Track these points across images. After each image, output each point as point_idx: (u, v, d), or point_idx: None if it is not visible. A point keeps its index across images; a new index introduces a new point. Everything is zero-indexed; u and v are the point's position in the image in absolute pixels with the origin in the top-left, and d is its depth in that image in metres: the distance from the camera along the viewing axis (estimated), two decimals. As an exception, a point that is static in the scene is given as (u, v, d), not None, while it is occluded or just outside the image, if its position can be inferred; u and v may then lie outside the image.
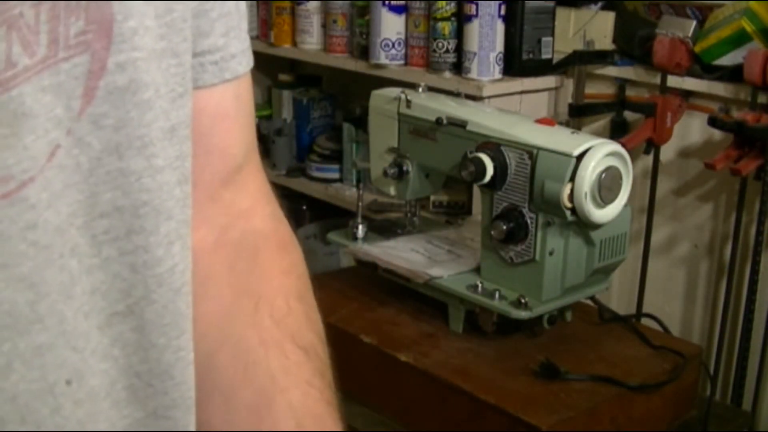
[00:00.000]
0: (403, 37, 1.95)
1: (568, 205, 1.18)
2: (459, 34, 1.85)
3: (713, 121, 1.63)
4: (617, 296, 1.92)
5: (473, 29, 1.80)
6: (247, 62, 0.59)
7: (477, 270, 1.33)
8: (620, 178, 1.20)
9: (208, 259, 0.61)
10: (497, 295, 1.26)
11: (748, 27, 1.60)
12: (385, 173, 1.42)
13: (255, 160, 0.65)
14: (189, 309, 0.54)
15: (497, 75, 1.82)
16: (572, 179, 1.17)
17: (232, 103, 0.60)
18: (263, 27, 2.30)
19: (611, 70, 1.84)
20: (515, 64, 1.84)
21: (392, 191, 1.46)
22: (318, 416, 0.60)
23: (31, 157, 0.44)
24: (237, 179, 0.62)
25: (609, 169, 1.18)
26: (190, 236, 0.53)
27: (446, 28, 1.85)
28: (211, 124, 0.59)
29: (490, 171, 1.23)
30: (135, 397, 0.51)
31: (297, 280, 0.64)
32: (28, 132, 0.43)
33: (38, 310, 0.46)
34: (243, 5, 0.59)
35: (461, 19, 1.84)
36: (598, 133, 1.85)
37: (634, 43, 1.78)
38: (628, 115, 1.84)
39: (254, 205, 0.64)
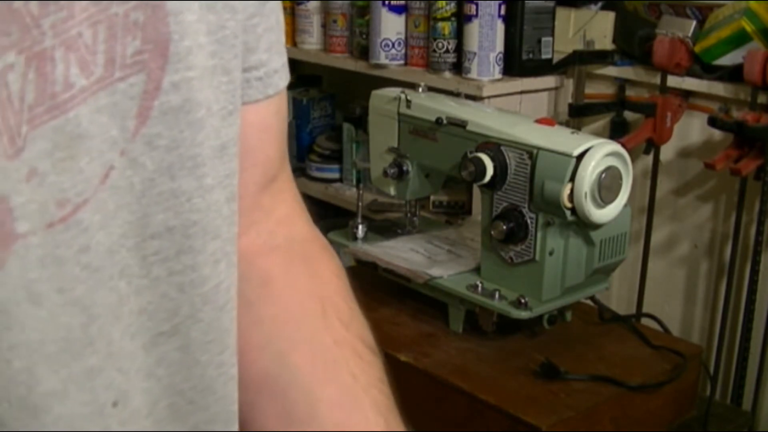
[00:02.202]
0: (403, 37, 1.95)
1: (568, 205, 1.18)
2: (459, 34, 1.85)
3: (713, 121, 1.63)
4: (617, 296, 1.92)
5: (473, 29, 1.80)
6: (286, 77, 0.60)
7: (477, 270, 1.33)
8: (620, 178, 1.20)
9: (262, 262, 0.62)
10: (497, 295, 1.26)
11: (748, 27, 1.60)
12: (385, 173, 1.42)
13: (288, 169, 0.65)
14: (233, 324, 0.54)
15: (497, 75, 1.82)
16: (572, 179, 1.17)
17: (274, 118, 0.60)
18: (263, 27, 2.29)
19: (611, 70, 1.84)
20: (515, 64, 1.84)
21: (392, 191, 1.46)
22: (395, 414, 0.62)
23: (86, 179, 0.43)
24: (274, 187, 0.63)
25: (609, 169, 1.18)
26: (235, 254, 0.54)
27: (446, 28, 1.85)
28: (258, 139, 0.59)
29: (490, 171, 1.23)
30: (176, 414, 0.51)
31: (346, 283, 0.66)
32: (83, 154, 0.43)
33: (90, 333, 0.45)
34: (282, 18, 0.59)
35: (461, 19, 1.84)
36: (598, 133, 1.85)
37: (634, 43, 1.78)
38: (628, 115, 1.84)
39: (292, 213, 0.65)
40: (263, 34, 0.56)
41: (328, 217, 2.28)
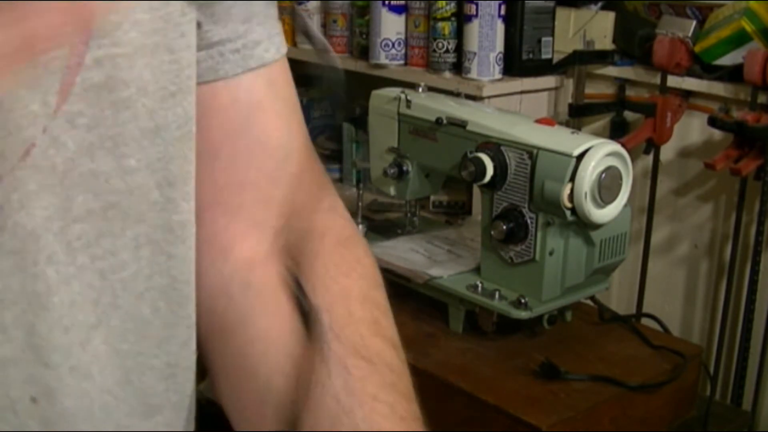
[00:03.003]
0: (403, 37, 1.94)
1: (568, 205, 1.18)
2: (459, 34, 1.85)
3: (713, 121, 1.62)
4: (617, 296, 1.92)
5: (473, 29, 1.80)
6: (276, 49, 0.56)
7: (477, 270, 1.33)
8: (620, 178, 1.20)
9: (260, 271, 0.57)
10: (497, 295, 1.26)
11: (748, 27, 1.60)
12: (385, 173, 1.42)
13: (306, 151, 0.60)
14: (155, 315, 0.51)
15: (497, 75, 1.82)
16: (572, 179, 1.17)
17: (265, 92, 0.56)
18: (263, 27, 2.30)
19: (611, 70, 1.84)
20: (515, 64, 1.84)
21: (392, 191, 1.46)
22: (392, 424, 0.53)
23: (1, 155, 0.41)
24: (286, 173, 0.58)
25: (609, 169, 1.18)
26: (175, 243, 0.51)
27: (446, 28, 1.85)
28: (245, 117, 0.55)
29: (490, 171, 1.23)
30: (108, 415, 0.49)
31: (359, 280, 0.59)
32: None
33: (2, 319, 0.43)
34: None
35: (461, 19, 1.84)
36: (598, 133, 1.85)
37: (634, 43, 1.78)
38: (628, 115, 1.84)
39: (309, 200, 0.60)
40: (234, 5, 0.53)
41: (328, 217, 2.28)
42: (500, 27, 1.81)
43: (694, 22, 1.70)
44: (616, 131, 1.85)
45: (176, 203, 0.50)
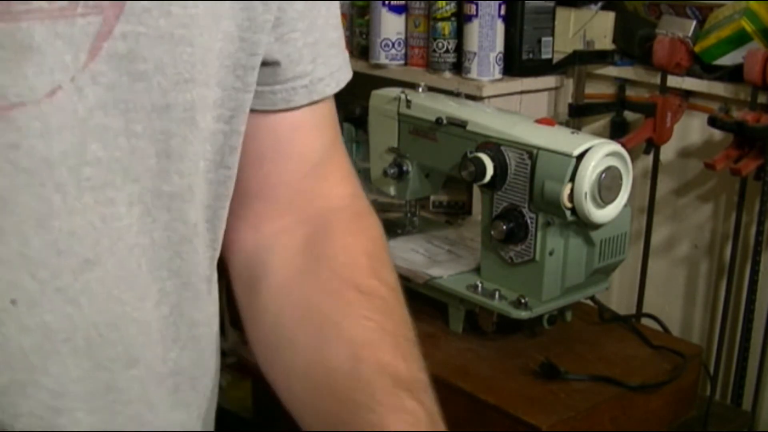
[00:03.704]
0: (403, 37, 1.94)
1: (568, 205, 1.18)
2: (459, 34, 1.85)
3: (713, 121, 1.62)
4: (617, 296, 1.92)
5: (473, 29, 1.80)
6: (336, 84, 0.68)
7: (477, 270, 1.33)
8: (620, 178, 1.20)
9: (286, 238, 0.68)
10: (497, 295, 1.26)
11: (748, 27, 1.60)
12: (385, 173, 1.43)
13: (337, 153, 0.72)
14: (142, 269, 0.56)
15: (497, 75, 1.82)
16: (572, 179, 1.17)
17: (311, 116, 0.68)
18: (263, 27, 2.29)
19: (611, 70, 1.84)
20: (515, 64, 1.84)
21: (392, 191, 1.46)
22: (374, 343, 0.61)
23: (29, 87, 0.48)
24: (318, 172, 0.69)
25: (609, 169, 1.18)
26: (159, 209, 0.56)
27: (446, 28, 1.85)
28: (290, 134, 0.67)
29: (490, 171, 1.24)
30: (90, 346, 0.54)
31: (365, 240, 0.69)
32: (31, 64, 0.48)
33: (2, 224, 0.50)
34: (335, 36, 0.68)
35: (461, 19, 1.84)
36: (598, 133, 1.85)
37: (634, 43, 1.78)
38: (628, 115, 1.84)
39: (334, 188, 0.71)
40: (304, 48, 0.64)
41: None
42: (500, 27, 1.81)
43: (694, 22, 1.70)
44: (616, 131, 1.85)
45: (169, 174, 0.56)
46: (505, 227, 1.23)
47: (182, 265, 0.59)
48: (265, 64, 0.63)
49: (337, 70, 0.69)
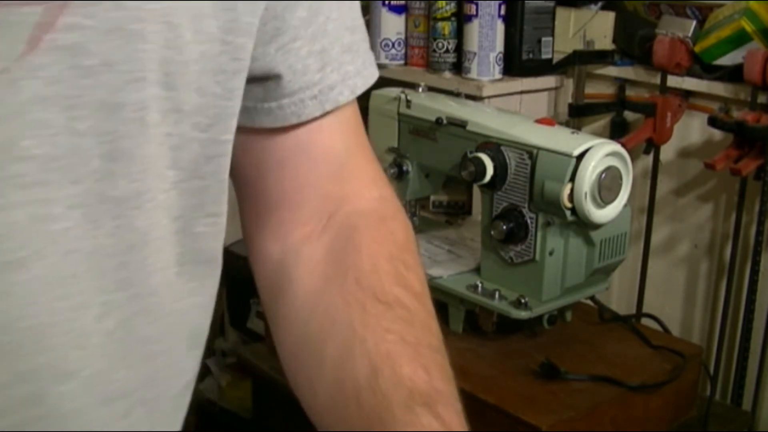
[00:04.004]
0: (403, 37, 1.95)
1: (568, 205, 1.18)
2: (459, 34, 1.85)
3: (713, 121, 1.63)
4: (617, 296, 1.92)
5: (473, 29, 1.80)
6: (350, 91, 0.65)
7: (477, 270, 1.33)
8: (620, 178, 1.20)
9: (311, 246, 0.66)
10: (497, 295, 1.26)
11: (748, 27, 1.60)
12: (385, 173, 1.42)
13: (362, 156, 0.70)
14: (84, 275, 0.53)
15: (497, 75, 1.82)
16: (572, 179, 1.17)
17: (331, 121, 0.65)
18: (263, 27, 2.30)
19: (611, 70, 1.84)
20: (515, 64, 1.84)
21: (392, 191, 1.46)
22: (393, 355, 0.59)
23: None
24: (343, 173, 0.67)
25: (609, 169, 1.18)
26: (103, 215, 0.53)
27: (446, 28, 1.85)
28: (310, 140, 0.65)
29: (490, 171, 1.24)
30: (7, 355, 0.51)
31: (391, 245, 0.67)
32: None
33: None
34: (351, 40, 0.65)
35: (461, 19, 1.84)
36: (598, 133, 1.85)
37: (634, 43, 1.78)
38: (628, 115, 1.84)
39: (360, 191, 0.68)
40: (309, 56, 0.62)
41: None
42: (500, 27, 1.81)
43: (694, 22, 1.70)
44: (616, 131, 1.85)
45: (115, 178, 0.52)
46: (505, 227, 1.23)
47: (131, 277, 0.55)
48: (267, 78, 0.61)
49: (353, 76, 0.66)
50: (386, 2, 1.92)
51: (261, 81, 0.61)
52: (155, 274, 0.56)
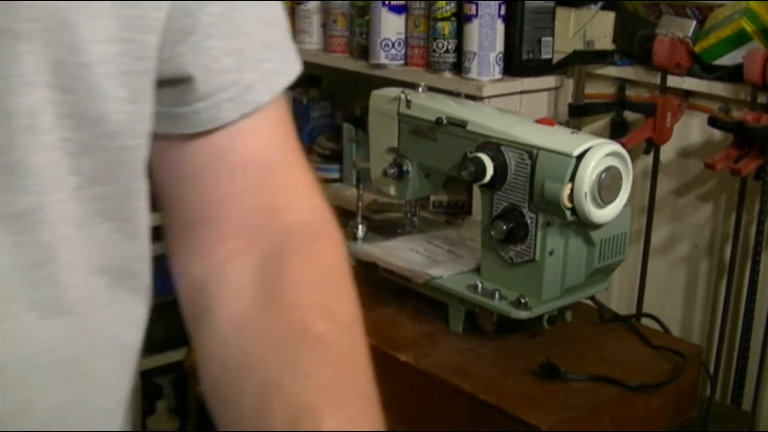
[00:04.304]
0: (403, 37, 1.94)
1: (568, 205, 1.18)
2: (459, 34, 1.85)
3: (713, 121, 1.62)
4: (617, 296, 1.92)
5: (473, 29, 1.80)
6: (269, 89, 0.60)
7: (477, 270, 1.33)
8: (620, 178, 1.20)
9: (235, 267, 0.61)
10: (497, 295, 1.26)
11: (748, 27, 1.60)
12: (385, 173, 1.42)
13: (291, 159, 0.65)
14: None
15: (497, 75, 1.82)
16: (572, 179, 1.17)
17: (252, 124, 0.61)
18: (263, 27, 2.29)
19: (611, 70, 1.84)
20: (515, 64, 1.84)
21: (392, 191, 1.46)
22: (314, 408, 0.54)
23: None
24: (269, 183, 0.63)
25: (609, 169, 1.18)
26: (5, 230, 0.50)
27: (446, 28, 1.85)
28: (228, 147, 0.60)
29: (490, 171, 1.24)
30: None
31: (319, 270, 0.62)
32: None
33: None
34: (271, 36, 0.61)
35: (461, 19, 1.84)
36: (598, 133, 1.85)
37: (634, 43, 1.78)
38: (628, 115, 1.84)
39: (290, 202, 0.64)
40: (225, 56, 0.57)
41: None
42: (500, 27, 1.81)
43: (694, 22, 1.70)
44: (616, 131, 1.84)
45: (12, 193, 0.49)
46: (505, 227, 1.23)
47: (41, 296, 0.51)
48: (179, 80, 0.57)
49: (273, 74, 0.61)
50: (386, 2, 1.92)
51: (173, 84, 0.57)
52: (68, 291, 0.53)
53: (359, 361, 0.59)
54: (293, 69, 0.63)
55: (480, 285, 1.28)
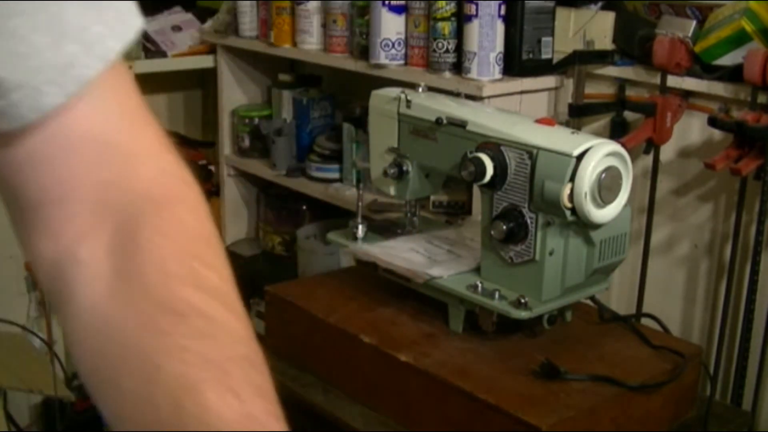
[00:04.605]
0: (403, 37, 1.94)
1: (568, 205, 1.18)
2: (459, 34, 1.85)
3: (713, 121, 1.62)
4: (617, 296, 1.92)
5: (473, 29, 1.80)
6: (100, 61, 0.54)
7: (477, 270, 1.33)
8: (620, 178, 1.20)
9: (89, 246, 0.57)
10: (497, 295, 1.26)
11: (748, 27, 1.60)
12: (385, 173, 1.42)
13: (135, 125, 0.59)
14: None
15: (497, 75, 1.82)
16: (572, 179, 1.17)
17: (87, 97, 0.55)
18: (263, 27, 2.30)
19: (611, 70, 1.84)
20: (515, 64, 1.84)
21: (392, 191, 1.46)
22: (194, 384, 0.52)
23: None
24: (112, 154, 0.57)
25: (609, 169, 1.18)
26: None
27: (446, 28, 1.85)
28: (58, 129, 0.55)
29: (490, 171, 1.24)
30: None
31: (180, 238, 0.58)
32: None
33: None
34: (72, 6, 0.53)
35: (461, 19, 1.84)
36: (598, 133, 1.85)
37: (634, 43, 1.78)
38: (628, 115, 1.84)
39: (136, 171, 0.59)
40: (33, 31, 0.50)
41: (328, 217, 2.29)
42: (500, 27, 1.81)
43: (694, 22, 1.70)
44: (616, 131, 1.84)
45: None
46: (505, 227, 1.23)
47: None
48: None
49: (102, 38, 0.53)
50: (386, 2, 1.92)
51: None
52: None
53: (238, 327, 0.56)
54: (129, 27, 0.55)
55: (480, 285, 1.28)
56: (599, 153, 1.17)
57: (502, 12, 1.80)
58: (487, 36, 1.79)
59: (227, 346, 0.54)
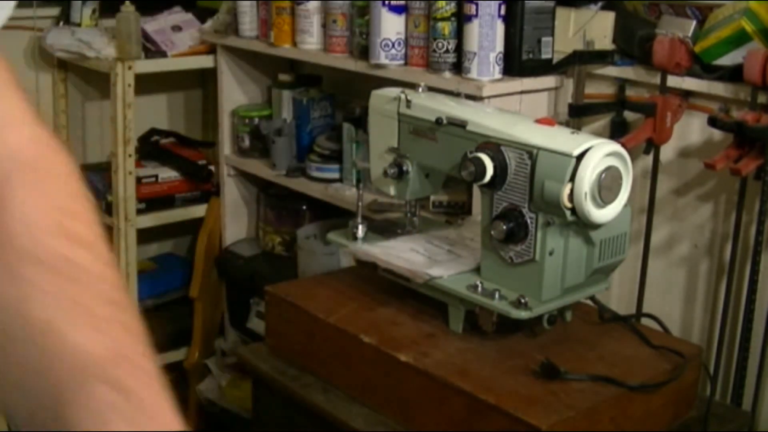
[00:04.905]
0: (403, 37, 1.94)
1: (568, 205, 1.18)
2: (459, 34, 1.85)
3: (713, 121, 1.62)
4: (617, 296, 1.92)
5: (473, 29, 1.80)
6: None
7: (477, 270, 1.33)
8: (620, 178, 1.20)
9: None
10: (497, 295, 1.26)
11: (748, 27, 1.60)
12: (385, 173, 1.43)
13: (7, 89, 0.61)
14: None
15: (497, 75, 1.82)
16: (572, 179, 1.17)
17: None
18: (263, 27, 2.30)
19: (611, 70, 1.84)
20: (515, 64, 1.84)
21: (392, 191, 1.46)
22: (58, 326, 0.53)
23: None
24: None
25: (609, 169, 1.18)
26: None
27: (446, 28, 1.85)
28: None
29: (490, 171, 1.24)
30: None
31: (49, 194, 0.59)
32: None
33: None
34: None
35: (461, 19, 1.84)
36: (598, 133, 1.85)
37: (634, 43, 1.78)
38: (628, 115, 1.84)
39: (7, 136, 0.60)
40: None
41: (328, 217, 2.29)
42: (500, 27, 1.81)
43: (694, 22, 1.70)
44: (616, 131, 1.84)
45: None
46: (505, 227, 1.23)
47: None
48: None
49: None
50: (386, 2, 1.92)
51: None
52: None
53: (108, 274, 0.57)
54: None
55: (480, 285, 1.28)
56: (599, 153, 1.17)
57: (502, 12, 1.80)
58: (487, 36, 1.79)
59: (93, 288, 0.55)
